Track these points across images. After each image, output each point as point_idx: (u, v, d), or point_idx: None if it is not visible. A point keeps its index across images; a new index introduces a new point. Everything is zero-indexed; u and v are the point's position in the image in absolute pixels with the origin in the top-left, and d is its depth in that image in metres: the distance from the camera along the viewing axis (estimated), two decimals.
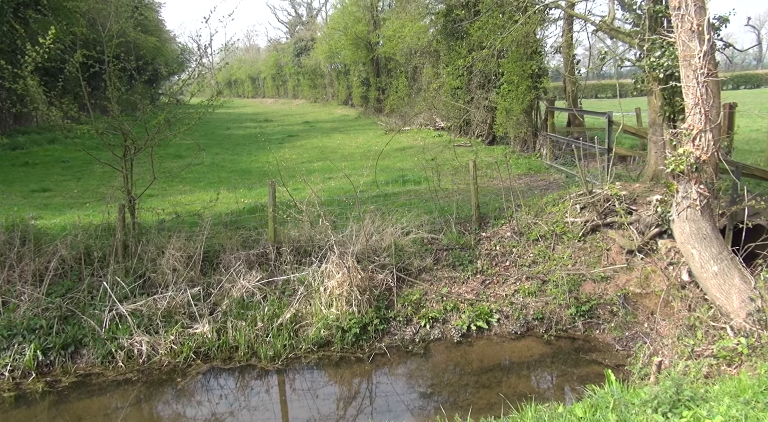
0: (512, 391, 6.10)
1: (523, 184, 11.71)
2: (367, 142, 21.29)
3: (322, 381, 6.74)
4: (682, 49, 6.25)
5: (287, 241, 8.43)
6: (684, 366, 5.09)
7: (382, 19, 30.54)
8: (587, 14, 12.86)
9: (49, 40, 7.66)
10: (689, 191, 6.42)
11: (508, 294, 7.91)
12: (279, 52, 60.32)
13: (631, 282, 7.61)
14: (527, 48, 14.92)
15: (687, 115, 6.39)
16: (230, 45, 17.10)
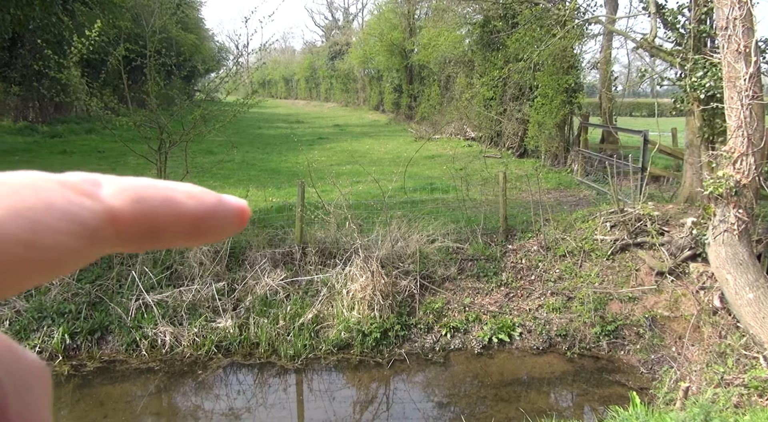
0: (531, 407, 6.02)
1: (553, 198, 11.58)
2: (397, 148, 21.31)
3: (340, 383, 6.74)
4: (727, 70, 6.13)
5: (313, 242, 8.47)
6: (713, 394, 4.95)
7: (419, 27, 30.62)
8: (628, 31, 12.70)
9: (94, 32, 7.86)
10: (727, 215, 6.27)
11: (532, 308, 7.81)
12: (314, 54, 60.93)
13: (660, 304, 7.44)
14: (564, 62, 14.79)
15: (729, 137, 6.25)
16: (267, 46, 17.36)
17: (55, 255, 0.17)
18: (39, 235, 0.17)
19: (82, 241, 0.18)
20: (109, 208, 0.18)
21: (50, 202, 0.17)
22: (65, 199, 0.18)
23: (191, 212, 0.20)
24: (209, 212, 0.21)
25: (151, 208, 0.19)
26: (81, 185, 0.18)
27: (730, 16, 6.00)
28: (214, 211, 0.21)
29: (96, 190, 0.19)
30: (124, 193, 0.19)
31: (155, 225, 0.19)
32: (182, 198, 0.20)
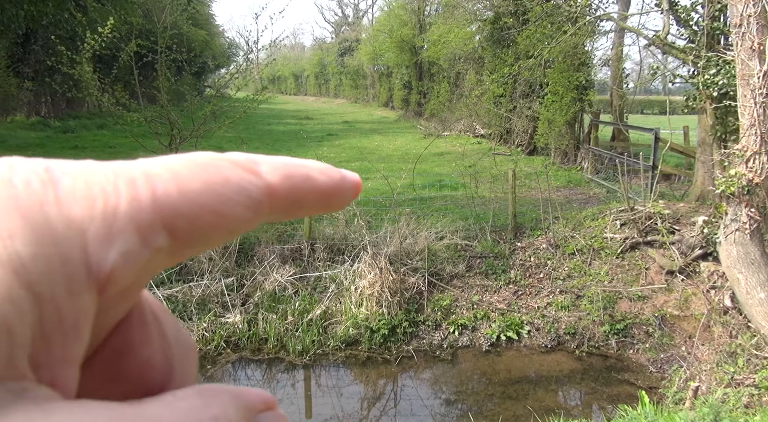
0: (539, 405, 6.01)
1: (562, 196, 11.52)
2: (406, 144, 21.30)
3: (348, 379, 6.76)
4: (741, 67, 6.06)
5: (321, 238, 8.49)
6: (723, 394, 4.92)
7: (428, 23, 30.52)
8: (640, 28, 12.60)
9: (107, 28, 7.91)
10: (739, 214, 6.21)
11: (541, 306, 7.79)
12: (323, 51, 60.95)
13: (670, 303, 7.40)
14: (575, 59, 14.69)
15: (741, 135, 6.19)
16: (277, 42, 17.37)
17: (233, 222, 0.21)
18: (223, 206, 0.20)
19: (249, 212, 0.21)
20: (269, 184, 0.22)
21: (228, 177, 0.21)
22: (237, 175, 0.21)
23: (324, 187, 0.24)
24: (337, 186, 0.24)
25: (296, 183, 0.23)
26: (246, 163, 0.22)
27: (744, 13, 5.93)
28: (341, 184, 0.24)
29: (257, 167, 0.22)
30: (277, 171, 0.22)
31: (298, 199, 0.23)
32: (316, 174, 0.23)
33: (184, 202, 0.20)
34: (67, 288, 0.18)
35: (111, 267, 0.18)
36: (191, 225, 0.20)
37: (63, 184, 0.18)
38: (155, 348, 0.23)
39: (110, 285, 0.19)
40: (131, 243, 0.19)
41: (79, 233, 0.18)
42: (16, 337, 0.16)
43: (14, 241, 0.17)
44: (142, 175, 0.20)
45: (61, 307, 0.18)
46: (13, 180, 0.18)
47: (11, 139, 17.72)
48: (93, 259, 0.18)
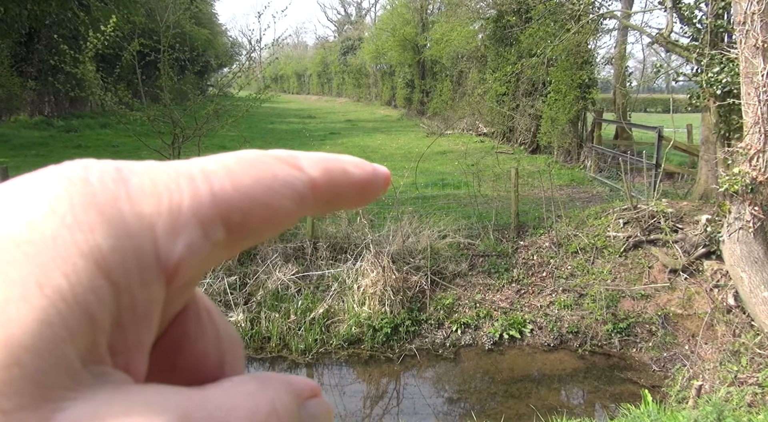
0: (542, 403, 6.00)
1: (565, 195, 11.50)
2: (409, 143, 21.28)
3: (351, 378, 6.77)
4: (745, 65, 6.04)
5: (324, 237, 8.49)
6: (726, 393, 4.91)
7: (431, 21, 30.49)
8: (643, 26, 12.57)
9: (110, 27, 7.93)
10: (742, 212, 6.20)
11: (543, 305, 7.78)
12: (326, 50, 60.94)
13: (673, 302, 7.38)
14: (578, 57, 14.66)
15: (745, 133, 6.17)
16: (280, 41, 17.32)
17: (281, 215, 0.22)
18: (273, 199, 0.22)
19: (296, 205, 0.22)
20: (311, 178, 0.23)
21: (275, 173, 0.22)
22: (283, 170, 0.22)
23: (359, 180, 0.25)
24: (371, 179, 0.25)
25: (335, 177, 0.24)
26: (289, 159, 0.23)
27: (748, 10, 5.91)
28: (374, 177, 0.26)
29: (299, 162, 0.23)
30: (317, 165, 0.23)
31: (336, 192, 0.24)
32: (352, 168, 0.24)
33: (238, 196, 0.21)
34: (140, 278, 0.19)
35: (178, 258, 0.20)
36: (245, 219, 0.21)
37: (133, 182, 0.20)
38: (209, 341, 0.24)
39: (177, 276, 0.20)
40: (195, 236, 0.20)
41: (149, 227, 0.19)
42: (98, 324, 0.18)
43: (95, 235, 0.18)
44: (200, 173, 0.21)
45: (135, 297, 0.19)
46: (89, 179, 0.19)
47: (15, 138, 17.77)
48: (162, 252, 0.19)
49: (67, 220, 0.18)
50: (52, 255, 0.17)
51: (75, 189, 0.19)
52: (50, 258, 0.17)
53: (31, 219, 0.18)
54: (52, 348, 0.17)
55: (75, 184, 0.19)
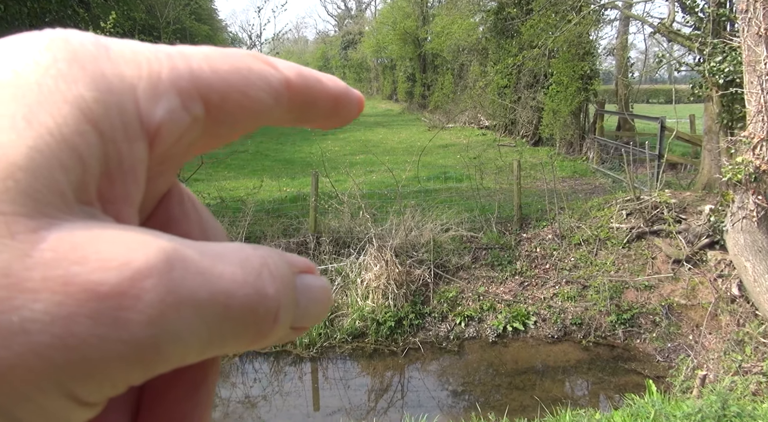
0: (546, 395, 6.01)
1: (567, 186, 11.48)
2: (410, 137, 21.25)
3: (355, 371, 6.79)
4: (747, 54, 6.00)
5: (327, 232, 8.50)
6: (730, 382, 4.91)
7: (432, 14, 30.37)
8: (645, 16, 12.50)
9: (109, 24, 7.92)
10: (746, 202, 6.18)
11: (547, 297, 7.78)
12: (326, 44, 60.80)
13: (677, 292, 7.37)
14: (579, 49, 14.60)
15: (748, 122, 6.14)
16: (280, 36, 17.22)
17: (257, 105, 0.23)
18: (248, 88, 0.22)
19: (271, 99, 0.23)
20: (286, 77, 0.24)
21: (251, 65, 0.23)
22: (259, 65, 0.23)
23: (333, 91, 0.26)
24: (344, 93, 0.26)
25: (309, 82, 0.25)
26: (265, 58, 0.24)
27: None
28: (347, 93, 0.26)
29: (274, 63, 0.24)
30: (292, 69, 0.24)
31: (310, 97, 0.25)
32: (325, 79, 0.26)
33: (216, 78, 0.22)
34: (124, 133, 0.19)
35: (159, 120, 0.20)
36: (223, 101, 0.22)
37: (113, 48, 0.20)
38: (194, 225, 0.25)
39: (159, 138, 0.20)
40: (174, 103, 0.21)
41: (131, 88, 0.20)
42: (86, 164, 0.18)
43: (78, 86, 0.19)
44: (178, 52, 0.22)
45: (120, 150, 0.19)
46: (70, 40, 0.20)
47: None
48: (144, 112, 0.20)
49: (51, 71, 0.19)
50: (38, 98, 0.18)
51: (57, 45, 0.19)
52: (36, 101, 0.18)
53: (16, 67, 0.19)
54: (45, 172, 0.17)
55: (57, 42, 0.20)
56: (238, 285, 0.19)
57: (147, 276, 0.17)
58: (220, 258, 0.20)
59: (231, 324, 0.19)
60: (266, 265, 0.21)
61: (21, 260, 0.16)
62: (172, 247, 0.19)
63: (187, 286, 0.18)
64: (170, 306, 0.18)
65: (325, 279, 0.24)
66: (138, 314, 0.17)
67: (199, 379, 0.24)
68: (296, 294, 0.22)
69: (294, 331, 0.22)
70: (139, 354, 0.17)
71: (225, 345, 0.20)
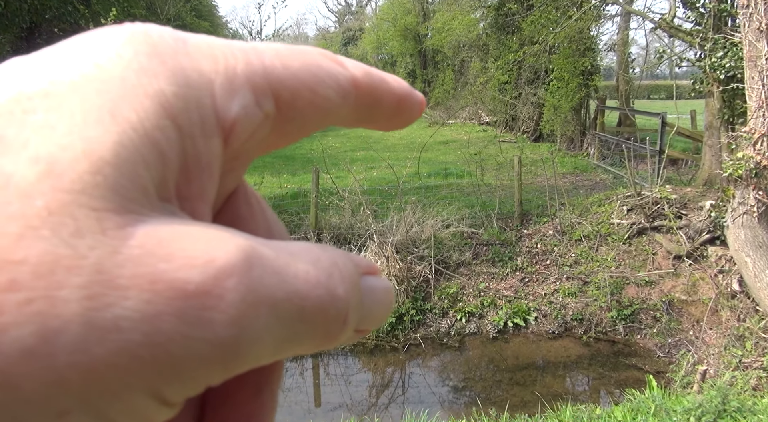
0: (547, 390, 6.03)
1: (568, 182, 11.48)
2: (411, 133, 21.24)
3: (356, 368, 6.81)
4: (748, 49, 5.99)
5: (328, 228, 8.51)
6: (731, 377, 4.92)
7: (432, 11, 30.30)
8: (646, 11, 12.47)
9: (110, 20, 7.91)
10: (747, 197, 6.17)
11: (548, 293, 7.79)
12: (327, 41, 60.70)
13: (677, 288, 7.38)
14: (580, 44, 14.57)
15: (749, 118, 6.14)
16: (281, 32, 17.21)
17: (326, 103, 0.23)
18: (318, 85, 0.22)
19: (339, 97, 0.23)
20: (353, 75, 0.24)
21: (321, 63, 0.23)
22: (327, 63, 0.23)
23: (398, 91, 0.26)
24: (408, 94, 0.26)
25: (375, 81, 0.25)
26: (333, 56, 0.24)
27: None
28: (410, 93, 0.26)
29: (342, 61, 0.24)
30: (359, 67, 0.24)
31: (377, 96, 0.25)
32: (390, 79, 0.26)
33: (287, 74, 0.22)
34: (201, 128, 0.19)
35: (234, 116, 0.20)
36: (293, 98, 0.22)
37: (191, 42, 0.21)
38: (260, 225, 0.25)
39: (233, 134, 0.21)
40: (248, 99, 0.21)
41: (209, 82, 0.20)
42: (166, 160, 0.18)
43: (159, 80, 0.19)
44: (252, 48, 0.22)
45: (197, 145, 0.19)
46: (150, 33, 0.20)
47: None
48: (220, 107, 0.20)
49: (132, 65, 0.19)
50: (121, 93, 0.18)
51: (138, 39, 0.20)
52: (119, 95, 0.18)
53: (99, 61, 0.19)
54: (129, 167, 0.17)
55: (137, 36, 0.20)
56: (311, 286, 0.19)
57: (230, 275, 0.17)
58: (293, 257, 0.20)
59: (305, 325, 0.19)
60: (336, 266, 0.21)
61: (112, 257, 0.16)
62: (250, 245, 0.18)
63: (265, 286, 0.18)
64: (251, 305, 0.17)
65: (387, 281, 0.24)
66: (221, 314, 0.17)
67: (263, 381, 0.24)
68: (362, 296, 0.22)
69: (357, 333, 0.22)
70: (221, 354, 0.17)
71: (297, 347, 0.20)
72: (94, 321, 0.15)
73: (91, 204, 0.17)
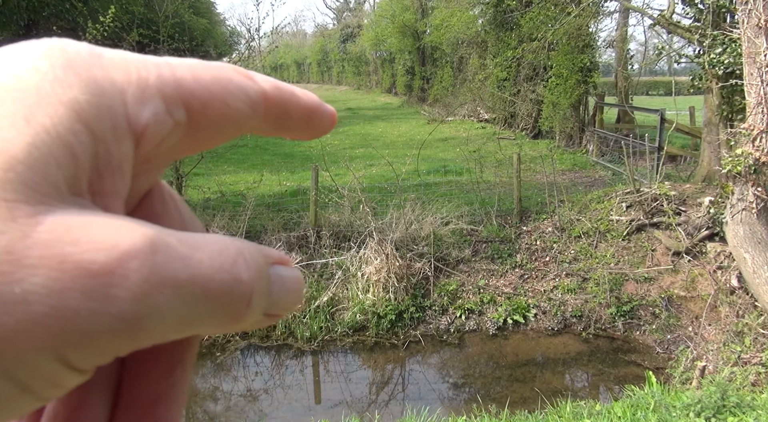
0: (546, 387, 6.05)
1: (567, 179, 11.49)
2: (410, 130, 21.23)
3: (356, 364, 6.82)
4: (747, 45, 5.99)
5: (327, 225, 8.51)
6: (730, 373, 4.94)
7: (431, 7, 30.24)
8: (644, 7, 12.46)
9: (108, 18, 7.89)
10: (745, 193, 6.18)
11: (547, 289, 7.80)
12: (325, 38, 60.56)
13: (676, 284, 7.40)
14: (579, 41, 14.56)
15: (748, 114, 6.14)
16: (279, 29, 17.13)
17: (236, 114, 0.25)
18: (228, 97, 0.24)
19: (249, 109, 0.25)
20: (263, 89, 0.26)
21: (231, 77, 0.25)
22: (238, 77, 0.25)
23: (307, 104, 0.28)
24: (318, 108, 0.28)
25: (285, 95, 0.26)
26: (243, 71, 0.26)
27: None
28: (320, 107, 0.28)
29: (252, 75, 0.26)
30: (269, 82, 0.26)
31: (286, 108, 0.27)
32: (299, 93, 0.27)
33: (198, 86, 0.24)
34: (113, 132, 0.21)
35: (145, 122, 0.22)
36: (203, 107, 0.24)
37: (106, 56, 0.23)
38: (174, 221, 0.27)
39: (144, 138, 0.23)
40: (160, 107, 0.23)
41: (121, 92, 0.22)
42: (78, 161, 0.20)
43: (73, 90, 0.21)
44: (165, 62, 0.24)
45: (109, 148, 0.21)
46: (67, 49, 0.22)
47: None
48: (131, 114, 0.22)
49: (48, 76, 0.21)
50: (36, 100, 0.20)
51: (55, 54, 0.22)
52: (35, 102, 0.20)
53: (18, 73, 0.21)
54: (42, 166, 0.19)
55: (54, 51, 0.22)
56: (215, 271, 0.21)
57: (133, 258, 0.19)
58: (199, 246, 0.22)
59: (208, 305, 0.21)
60: (242, 254, 0.23)
61: (22, 240, 0.18)
62: (156, 234, 0.21)
63: (169, 269, 0.20)
64: (153, 285, 0.20)
65: (298, 271, 0.26)
66: (124, 291, 0.19)
67: (176, 360, 0.26)
68: (269, 283, 0.24)
69: (267, 318, 0.24)
70: (125, 327, 0.19)
71: (203, 325, 0.22)
72: (3, 295, 0.18)
73: (3, 196, 0.18)
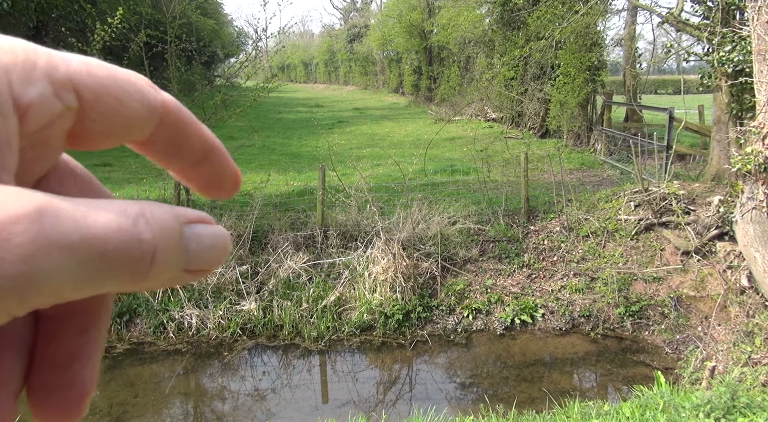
0: (554, 387, 6.02)
1: (575, 178, 11.44)
2: (417, 130, 21.20)
3: (363, 364, 6.82)
4: (757, 43, 5.94)
5: (334, 225, 8.51)
6: (740, 373, 4.90)
7: (438, 7, 30.19)
8: (653, 5, 12.38)
9: (116, 19, 7.93)
10: (756, 192, 6.13)
11: (555, 289, 7.77)
12: (332, 38, 60.60)
13: (685, 284, 7.34)
14: (587, 39, 14.49)
15: (758, 112, 6.09)
16: (286, 29, 17.15)
17: (130, 114, 0.25)
18: (122, 95, 0.25)
19: (145, 111, 0.26)
20: (164, 99, 0.27)
21: (131, 79, 0.26)
22: (141, 82, 0.26)
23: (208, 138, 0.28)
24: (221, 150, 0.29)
25: (186, 117, 0.27)
26: (151, 83, 0.27)
27: None
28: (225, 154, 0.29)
29: (158, 89, 0.27)
30: (173, 99, 0.27)
31: (184, 128, 0.27)
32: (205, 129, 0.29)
33: (91, 79, 0.24)
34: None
35: (29, 101, 0.23)
36: (95, 99, 0.24)
37: None
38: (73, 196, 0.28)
39: (27, 117, 0.23)
40: (46, 89, 0.23)
41: (6, 73, 0.23)
42: None
43: None
44: (60, 53, 0.25)
45: None
46: None
47: None
48: (16, 93, 0.23)
49: None
50: None
51: None
52: None
53: None
54: None
55: None
56: (112, 231, 0.22)
57: (16, 222, 0.20)
58: (96, 208, 0.22)
59: (107, 264, 0.22)
60: (143, 215, 0.23)
61: None
62: (45, 199, 0.21)
63: (58, 231, 0.21)
64: (41, 247, 0.20)
65: (218, 228, 0.26)
66: (8, 254, 0.20)
67: (89, 322, 0.27)
68: (185, 240, 0.24)
69: (190, 274, 0.25)
70: (13, 287, 0.20)
71: (105, 284, 0.22)
72: None
73: None
